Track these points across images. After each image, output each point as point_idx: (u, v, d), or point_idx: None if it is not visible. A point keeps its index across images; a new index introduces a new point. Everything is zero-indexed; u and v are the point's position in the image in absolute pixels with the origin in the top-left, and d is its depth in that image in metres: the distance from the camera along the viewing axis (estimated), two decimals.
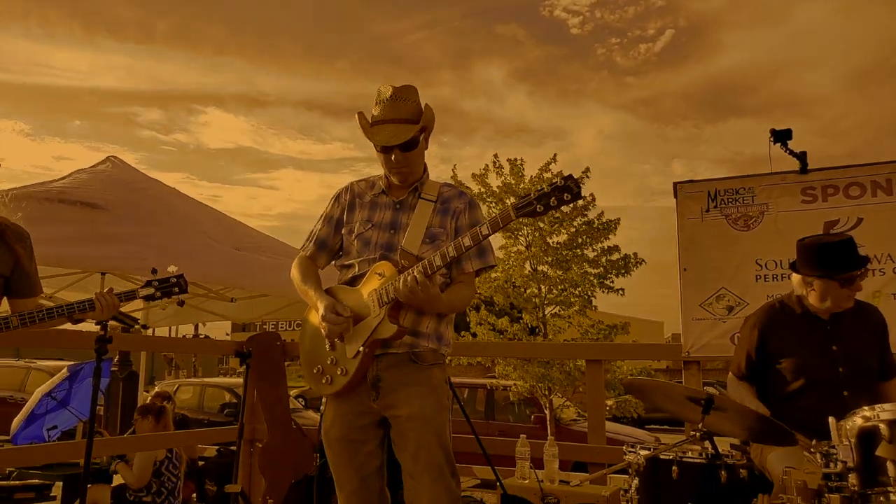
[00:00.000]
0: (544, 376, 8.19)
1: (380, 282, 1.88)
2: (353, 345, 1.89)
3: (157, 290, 2.30)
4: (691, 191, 3.41)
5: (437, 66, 75.00)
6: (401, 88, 1.94)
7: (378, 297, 1.87)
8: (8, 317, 2.11)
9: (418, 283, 1.76)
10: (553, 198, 1.63)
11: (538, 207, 1.65)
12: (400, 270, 1.84)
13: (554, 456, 2.84)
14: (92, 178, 3.75)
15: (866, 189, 3.03)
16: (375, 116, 1.95)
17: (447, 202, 2.02)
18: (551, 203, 1.63)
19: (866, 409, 1.67)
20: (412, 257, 1.89)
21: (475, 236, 1.76)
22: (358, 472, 1.93)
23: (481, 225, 1.77)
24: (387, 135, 1.89)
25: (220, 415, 9.68)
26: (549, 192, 1.65)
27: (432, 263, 1.79)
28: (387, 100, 1.93)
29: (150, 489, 3.75)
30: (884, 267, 2.95)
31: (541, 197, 1.65)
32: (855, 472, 1.61)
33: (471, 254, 1.94)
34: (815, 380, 2.23)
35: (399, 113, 1.91)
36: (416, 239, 1.93)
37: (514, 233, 8.89)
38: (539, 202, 1.65)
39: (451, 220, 1.99)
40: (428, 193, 2.01)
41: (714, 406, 1.92)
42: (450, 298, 1.93)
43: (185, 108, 75.86)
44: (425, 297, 1.80)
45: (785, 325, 2.33)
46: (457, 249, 1.77)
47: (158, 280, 2.31)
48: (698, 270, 3.33)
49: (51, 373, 7.07)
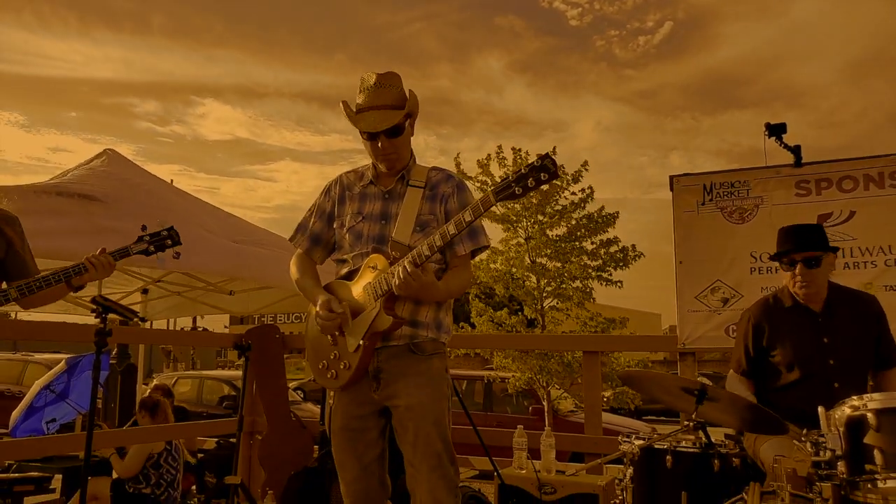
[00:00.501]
0: (543, 368, 8.24)
1: (373, 275, 1.90)
2: (353, 339, 1.92)
3: (150, 244, 2.31)
4: (687, 184, 3.44)
5: (436, 58, 74.62)
6: (384, 75, 1.94)
7: (373, 291, 1.89)
8: (6, 289, 2.11)
9: (410, 274, 1.77)
10: (531, 178, 1.64)
11: (517, 189, 1.66)
12: (391, 262, 1.86)
13: (550, 446, 2.87)
14: (88, 174, 3.75)
15: (859, 182, 3.06)
16: (360, 104, 1.96)
17: (435, 187, 2.02)
18: (529, 184, 1.64)
19: (855, 398, 1.70)
20: (404, 248, 1.90)
21: (459, 223, 1.77)
22: (359, 461, 1.96)
23: (464, 212, 1.78)
24: (372, 121, 1.90)
25: (219, 407, 9.70)
26: (527, 174, 1.65)
27: (421, 253, 1.80)
28: (370, 87, 1.93)
29: (150, 481, 3.76)
30: (875, 259, 2.98)
31: (518, 178, 1.66)
32: (843, 460, 1.65)
33: (462, 236, 1.95)
34: (807, 371, 2.26)
35: (383, 99, 1.91)
36: (406, 228, 1.94)
37: (514, 225, 8.92)
38: (517, 184, 1.66)
39: (440, 205, 2.00)
40: (416, 180, 2.02)
41: (707, 396, 1.95)
42: (447, 285, 1.94)
43: (182, 99, 75.55)
44: (419, 287, 1.81)
45: (777, 319, 2.36)
46: (442, 238, 1.79)
47: (150, 235, 2.32)
48: (694, 263, 3.37)
49: (48, 365, 7.08)
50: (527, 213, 8.87)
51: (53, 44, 79.49)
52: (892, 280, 2.96)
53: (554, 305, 8.91)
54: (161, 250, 2.33)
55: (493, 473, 2.76)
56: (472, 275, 2.30)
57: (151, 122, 74.39)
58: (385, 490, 2.02)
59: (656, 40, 59.56)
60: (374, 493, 1.98)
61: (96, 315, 2.59)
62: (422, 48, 71.95)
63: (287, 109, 72.68)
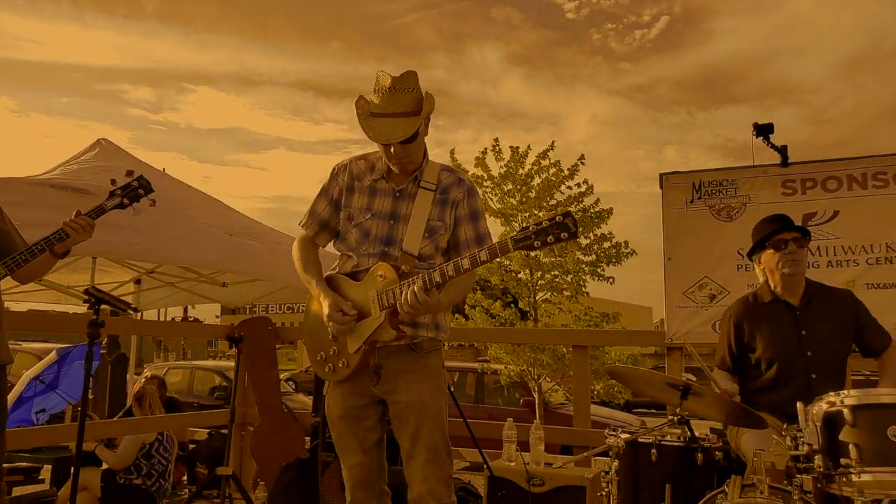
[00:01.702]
0: (535, 360, 8.32)
1: (382, 283, 1.90)
2: (355, 341, 1.94)
3: (123, 197, 2.29)
4: (676, 182, 3.48)
5: (432, 49, 74.24)
6: (399, 78, 1.85)
7: (379, 301, 1.90)
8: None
9: (420, 302, 1.79)
10: (550, 235, 1.71)
11: (535, 243, 1.72)
12: (401, 276, 1.87)
13: (539, 439, 2.92)
14: (82, 169, 3.74)
15: (843, 183, 3.12)
16: (374, 106, 1.88)
17: (446, 191, 2.00)
18: (548, 240, 1.71)
19: (832, 394, 1.75)
20: (412, 259, 1.92)
21: (473, 260, 1.81)
22: (360, 445, 2.00)
23: (480, 251, 1.82)
24: (384, 132, 1.85)
25: (210, 398, 9.70)
26: (548, 229, 1.72)
27: (432, 279, 1.82)
28: (385, 91, 1.85)
29: (141, 471, 3.77)
30: (857, 258, 3.04)
31: (539, 232, 1.72)
32: (820, 455, 1.70)
33: (470, 244, 1.99)
34: (786, 363, 2.32)
35: (398, 106, 1.84)
36: (416, 236, 1.95)
37: (510, 219, 8.95)
38: (537, 237, 1.72)
39: (451, 210, 2.00)
40: (427, 181, 2.00)
41: (691, 392, 2.00)
42: (449, 296, 1.95)
43: (176, 86, 74.75)
44: (425, 310, 1.85)
45: (757, 315, 2.42)
46: (456, 270, 1.81)
47: (121, 188, 2.30)
48: (682, 259, 3.41)
49: (37, 355, 7.05)
50: (523, 208, 8.91)
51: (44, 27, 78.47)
52: (874, 278, 3.02)
53: (547, 298, 8.98)
54: (136, 201, 2.31)
55: (483, 465, 2.81)
56: (475, 277, 2.35)
57: (144, 110, 73.60)
58: (383, 475, 2.07)
59: (652, 34, 59.66)
60: (374, 476, 2.03)
61: (89, 306, 2.60)
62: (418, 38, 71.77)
63: (282, 98, 72.18)
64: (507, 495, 2.67)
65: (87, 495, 3.71)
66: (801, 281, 2.38)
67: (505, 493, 2.67)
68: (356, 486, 2.02)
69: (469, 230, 2.02)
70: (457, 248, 2.00)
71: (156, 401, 4.04)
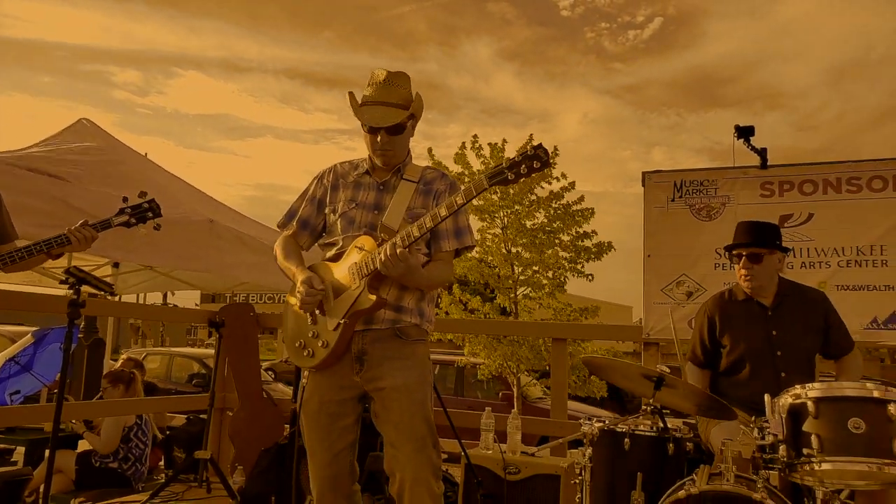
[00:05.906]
0: (513, 354, 8.39)
1: (360, 255, 1.92)
2: (334, 318, 1.94)
3: (132, 216, 2.34)
4: (659, 180, 3.55)
5: (425, 41, 73.82)
6: (394, 74, 2.00)
7: (358, 270, 1.92)
8: None
9: (397, 254, 1.80)
10: (523, 166, 1.70)
11: (509, 175, 1.71)
12: (380, 244, 1.89)
13: (517, 428, 2.97)
14: (61, 149, 3.67)
15: (818, 186, 3.22)
16: (366, 97, 2.00)
17: (430, 184, 2.06)
18: (522, 171, 1.70)
19: (798, 387, 1.82)
20: (393, 232, 1.93)
21: (450, 205, 1.80)
22: (331, 447, 1.97)
23: (456, 194, 1.81)
24: (376, 116, 1.95)
25: (189, 385, 9.63)
26: (520, 161, 1.71)
27: (410, 234, 1.84)
28: (380, 83, 1.98)
29: (118, 455, 3.75)
30: (829, 260, 3.14)
31: (512, 165, 1.72)
32: (784, 444, 1.77)
33: (449, 234, 2.01)
34: (756, 362, 2.39)
35: (390, 97, 1.96)
36: (397, 217, 1.97)
37: (491, 215, 8.99)
38: (510, 170, 1.71)
39: (433, 200, 2.03)
40: (410, 175, 2.06)
41: (665, 383, 2.06)
42: (429, 273, 1.98)
43: (163, 70, 73.35)
44: (405, 267, 1.84)
45: (731, 313, 2.49)
46: (433, 219, 1.81)
47: (131, 207, 2.34)
48: (661, 257, 3.49)
49: (11, 338, 6.92)
50: (504, 204, 8.96)
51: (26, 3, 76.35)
52: (844, 280, 3.12)
53: (527, 294, 9.05)
54: (142, 222, 2.36)
55: (461, 456, 2.84)
56: (453, 272, 2.34)
57: (130, 93, 72.11)
58: (353, 476, 2.05)
59: (645, 35, 60.08)
60: (342, 479, 1.99)
61: (70, 286, 2.58)
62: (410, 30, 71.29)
63: (271, 86, 71.28)
64: (483, 483, 2.71)
65: (62, 477, 3.69)
66: (769, 284, 2.44)
67: (481, 481, 2.71)
68: (324, 487, 1.99)
69: (449, 222, 2.01)
70: (436, 240, 2.02)
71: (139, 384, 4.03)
